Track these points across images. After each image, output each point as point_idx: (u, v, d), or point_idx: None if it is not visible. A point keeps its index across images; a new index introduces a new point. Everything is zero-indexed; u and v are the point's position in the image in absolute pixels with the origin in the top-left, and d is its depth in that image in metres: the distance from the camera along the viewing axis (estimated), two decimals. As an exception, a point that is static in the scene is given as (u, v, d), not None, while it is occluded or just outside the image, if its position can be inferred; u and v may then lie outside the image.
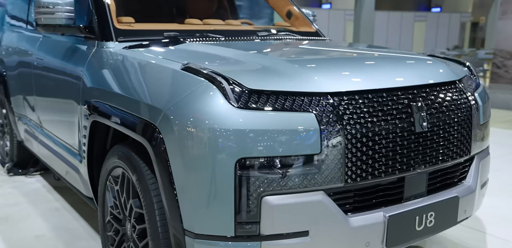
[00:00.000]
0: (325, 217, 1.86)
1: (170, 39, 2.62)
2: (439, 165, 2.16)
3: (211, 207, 1.79)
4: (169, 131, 1.84)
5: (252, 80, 1.88)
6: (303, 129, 1.79)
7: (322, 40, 3.25)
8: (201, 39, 2.67)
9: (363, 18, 14.87)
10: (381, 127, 1.94)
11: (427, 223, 2.10)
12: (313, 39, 3.19)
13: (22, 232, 3.19)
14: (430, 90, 2.16)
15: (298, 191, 1.82)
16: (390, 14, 22.26)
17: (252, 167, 1.77)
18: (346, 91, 1.92)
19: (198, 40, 2.64)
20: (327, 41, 3.23)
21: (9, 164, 4.46)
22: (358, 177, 1.90)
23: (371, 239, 1.95)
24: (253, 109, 1.78)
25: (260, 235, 1.81)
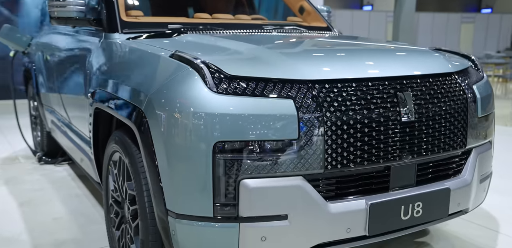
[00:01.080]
0: (304, 202, 1.89)
1: (172, 31, 2.71)
2: (428, 157, 2.15)
3: (191, 188, 1.86)
4: (153, 115, 1.93)
5: (233, 66, 1.93)
6: (281, 115, 1.84)
7: (328, 34, 3.27)
8: (202, 31, 2.75)
9: (403, 19, 14.47)
10: (363, 116, 1.95)
11: (413, 213, 2.09)
12: (318, 32, 3.21)
13: (42, 215, 3.38)
14: (421, 81, 2.15)
15: (276, 176, 1.86)
16: (435, 16, 21.65)
17: (229, 151, 1.82)
18: (328, 79, 1.95)
19: (199, 32, 2.73)
20: (332, 34, 3.24)
21: (39, 153, 4.71)
22: (339, 164, 1.92)
23: (352, 225, 1.97)
24: (232, 95, 1.84)
25: (239, 217, 1.86)
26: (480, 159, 2.37)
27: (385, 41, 2.86)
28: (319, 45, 2.67)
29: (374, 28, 20.24)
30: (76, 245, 2.89)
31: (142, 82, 2.10)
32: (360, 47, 2.54)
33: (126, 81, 2.24)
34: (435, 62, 2.32)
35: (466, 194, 2.29)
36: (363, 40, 2.97)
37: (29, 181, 4.17)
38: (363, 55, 2.26)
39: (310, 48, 2.56)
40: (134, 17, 2.90)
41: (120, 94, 2.25)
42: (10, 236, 3.05)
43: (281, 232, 1.89)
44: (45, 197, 3.76)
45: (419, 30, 20.76)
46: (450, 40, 21.83)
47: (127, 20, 2.81)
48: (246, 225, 1.86)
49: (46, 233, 3.06)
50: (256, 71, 1.92)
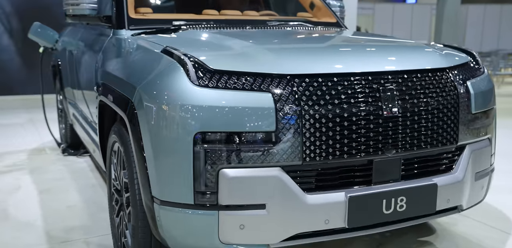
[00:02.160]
0: (281, 193, 1.94)
1: (174, 27, 2.80)
2: (414, 152, 2.15)
3: (173, 176, 1.95)
4: (140, 106, 2.02)
5: (217, 61, 2.01)
6: (259, 107, 1.90)
7: (332, 29, 3.28)
8: (204, 27, 2.83)
9: (447, 12, 13.76)
10: (343, 110, 1.99)
11: (397, 208, 2.10)
12: (322, 28, 3.23)
13: (58, 202, 3.56)
14: (408, 76, 2.16)
15: (255, 166, 1.92)
16: (487, 8, 20.31)
17: (209, 141, 1.90)
18: (308, 73, 1.99)
19: (201, 28, 2.81)
20: (335, 30, 3.25)
21: (63, 145, 4.92)
22: (317, 157, 1.96)
23: (330, 217, 2.00)
24: (213, 88, 1.91)
25: (218, 205, 1.93)
26: (475, 156, 2.35)
27: (384, 37, 2.86)
28: (310, 40, 2.71)
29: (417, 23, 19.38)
30: (84, 231, 3.03)
31: (135, 75, 2.20)
32: (351, 43, 2.56)
33: (122, 75, 2.35)
34: (425, 57, 2.32)
35: (457, 191, 2.28)
36: (361, 35, 2.99)
37: (51, 171, 4.38)
38: (349, 50, 2.29)
39: (299, 43, 2.60)
40: (142, 14, 3.01)
41: (117, 87, 2.36)
42: (26, 221, 3.22)
43: (259, 221, 1.95)
44: (63, 186, 3.94)
45: (468, 23, 19.63)
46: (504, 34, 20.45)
47: (134, 17, 2.92)
48: (225, 213, 1.93)
49: (59, 220, 3.22)
50: (238, 66, 1.99)
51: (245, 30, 2.88)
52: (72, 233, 3.01)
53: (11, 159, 4.78)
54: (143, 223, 2.14)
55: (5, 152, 5.05)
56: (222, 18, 3.12)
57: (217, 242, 1.96)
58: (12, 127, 6.31)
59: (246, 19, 3.16)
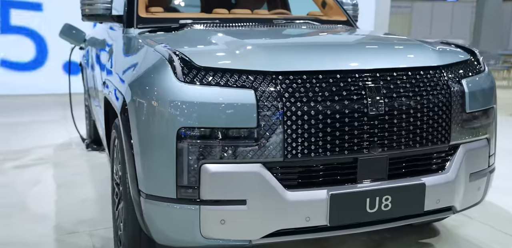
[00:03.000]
0: (262, 189, 1.96)
1: (178, 26, 2.87)
2: (401, 151, 2.13)
3: (157, 171, 2.00)
4: (130, 101, 2.09)
5: (204, 58, 2.05)
6: (240, 104, 1.93)
7: (337, 27, 3.26)
8: (207, 26, 2.88)
9: (487, 10, 13.36)
10: (326, 107, 1.99)
11: (381, 207, 2.09)
12: (328, 26, 3.22)
13: (73, 195, 3.70)
14: (397, 74, 2.14)
15: (236, 162, 1.96)
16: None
17: (191, 137, 1.95)
18: (291, 70, 2.01)
19: (205, 26, 2.86)
20: (338, 28, 3.23)
21: (87, 141, 5.10)
22: (299, 154, 1.98)
23: (311, 215, 2.01)
24: (198, 84, 1.96)
25: (200, 200, 1.97)
26: (469, 156, 2.30)
27: (384, 35, 2.83)
28: (304, 38, 2.71)
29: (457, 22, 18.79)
30: (91, 224, 3.15)
31: (129, 71, 2.27)
32: (344, 40, 2.55)
33: (119, 71, 2.43)
34: (418, 55, 2.29)
35: (448, 192, 2.24)
36: (361, 33, 2.96)
37: (73, 166, 4.55)
38: (339, 48, 2.29)
39: (291, 41, 2.61)
40: (152, 13, 3.09)
41: (115, 83, 2.44)
42: (40, 213, 3.37)
43: (239, 217, 1.98)
44: (81, 180, 4.08)
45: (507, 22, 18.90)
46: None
47: (144, 16, 3.01)
48: (207, 207, 1.97)
49: (70, 213, 3.36)
50: (224, 63, 2.03)
51: (246, 29, 2.91)
52: (80, 225, 3.13)
53: (37, 154, 4.99)
54: (132, 216, 2.21)
55: (33, 146, 5.27)
56: (230, 17, 3.17)
57: (199, 237, 2.01)
58: (45, 124, 6.56)
59: (252, 18, 3.19)
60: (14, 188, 3.95)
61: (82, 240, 2.94)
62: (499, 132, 2.61)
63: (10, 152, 5.10)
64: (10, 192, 3.85)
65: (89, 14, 3.12)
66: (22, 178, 4.22)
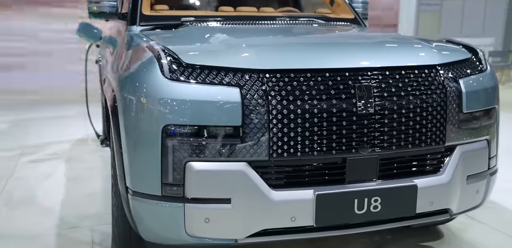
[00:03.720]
0: (246, 188, 1.95)
1: (179, 23, 2.87)
2: (393, 151, 2.09)
3: (144, 168, 2.01)
4: (119, 98, 2.10)
5: (192, 55, 2.05)
6: (225, 102, 1.92)
7: (340, 25, 3.20)
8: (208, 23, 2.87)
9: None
10: (313, 106, 1.96)
11: (370, 208, 2.05)
12: (331, 24, 3.16)
13: (81, 190, 3.77)
14: (390, 73, 2.09)
15: (221, 160, 1.95)
16: None
17: (176, 134, 1.94)
18: (278, 68, 1.98)
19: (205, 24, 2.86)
20: (341, 26, 3.17)
21: (102, 137, 5.17)
22: (285, 153, 1.95)
23: (297, 215, 1.99)
24: (183, 82, 1.95)
25: (185, 197, 1.97)
26: (467, 158, 2.24)
27: (383, 34, 2.78)
28: (298, 36, 2.67)
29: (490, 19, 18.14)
30: (94, 219, 3.19)
31: (121, 68, 2.29)
32: (339, 38, 2.51)
33: (114, 68, 2.45)
34: (413, 54, 2.24)
35: (442, 194, 2.18)
36: (358, 31, 2.91)
37: (86, 161, 4.63)
38: (330, 46, 2.25)
39: (282, 39, 2.58)
40: (156, 11, 3.11)
41: (111, 79, 2.47)
42: (48, 206, 3.45)
43: (224, 215, 1.97)
44: (92, 175, 4.15)
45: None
46: None
47: (147, 13, 3.03)
48: (191, 206, 1.97)
49: (76, 207, 3.41)
50: (211, 60, 2.02)
51: (244, 27, 2.89)
52: (83, 220, 3.18)
53: (53, 149, 5.10)
54: (122, 213, 2.23)
55: (50, 142, 5.39)
56: (233, 14, 3.16)
57: (184, 235, 2.01)
58: (63, 119, 6.70)
59: (255, 16, 3.17)
60: (27, 181, 4.05)
61: (83, 234, 2.98)
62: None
63: (28, 146, 5.23)
64: (22, 185, 3.95)
65: (95, 12, 3.15)
66: (36, 171, 4.32)
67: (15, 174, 4.25)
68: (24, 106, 7.65)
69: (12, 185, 3.95)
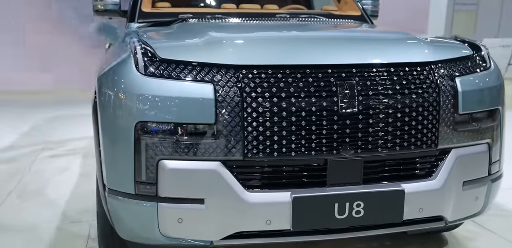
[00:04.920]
0: (220, 188, 1.88)
1: (174, 20, 2.83)
2: (378, 153, 1.97)
3: (118, 165, 1.97)
4: (99, 94, 2.07)
5: (169, 50, 1.99)
6: (198, 98, 1.86)
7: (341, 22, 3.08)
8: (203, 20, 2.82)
9: None
10: (291, 104, 1.87)
11: (352, 213, 1.94)
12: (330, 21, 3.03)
13: (88, 186, 3.76)
14: (377, 70, 1.98)
15: (195, 159, 1.89)
16: None
17: (149, 131, 1.90)
18: (255, 64, 1.90)
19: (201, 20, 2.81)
20: (340, 23, 3.04)
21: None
22: (260, 153, 1.88)
23: (272, 218, 1.91)
24: (158, 77, 1.90)
25: (158, 196, 1.92)
26: (463, 163, 2.09)
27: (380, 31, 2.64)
28: (285, 32, 2.58)
29: None
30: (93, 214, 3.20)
31: (104, 64, 2.26)
32: (326, 35, 2.41)
33: (100, 64, 2.43)
34: (406, 51, 2.11)
35: (434, 200, 2.05)
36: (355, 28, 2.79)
37: (99, 157, 4.67)
38: (314, 42, 2.15)
39: (268, 35, 2.48)
40: (156, 8, 3.09)
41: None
42: (54, 199, 3.52)
43: (197, 216, 1.91)
44: (103, 171, 4.18)
45: None
46: None
47: (146, 10, 3.01)
48: (164, 205, 1.92)
49: (81, 201, 3.44)
50: (187, 55, 1.96)
51: (238, 23, 2.82)
52: (84, 215, 3.19)
53: (72, 145, 5.20)
54: (102, 210, 2.21)
55: (70, 138, 5.50)
56: (233, 11, 3.10)
57: (158, 235, 1.96)
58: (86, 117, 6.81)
59: (255, 13, 3.11)
60: (42, 175, 4.14)
61: (81, 229, 2.99)
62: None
63: (50, 142, 5.35)
64: (37, 178, 4.04)
65: (100, 9, 3.17)
66: (52, 166, 4.40)
67: (33, 168, 4.36)
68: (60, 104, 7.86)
69: (28, 178, 4.04)
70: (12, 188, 3.78)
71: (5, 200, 3.52)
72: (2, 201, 3.51)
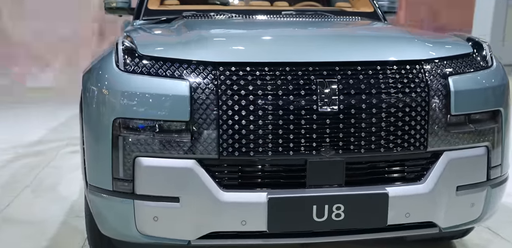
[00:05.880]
0: (195, 187, 1.85)
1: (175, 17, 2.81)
2: (361, 155, 1.89)
3: (97, 161, 1.98)
4: (82, 89, 2.08)
5: (150, 47, 1.98)
6: (174, 95, 1.83)
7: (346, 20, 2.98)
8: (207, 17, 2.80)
9: None
10: (268, 102, 1.82)
11: (331, 216, 1.86)
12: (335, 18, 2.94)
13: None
14: (362, 68, 1.89)
15: (171, 157, 1.86)
16: None
17: (126, 128, 1.89)
18: (232, 61, 1.86)
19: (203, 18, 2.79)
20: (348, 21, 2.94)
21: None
22: (236, 151, 1.83)
23: (248, 218, 1.86)
24: (136, 73, 1.89)
25: (134, 194, 1.91)
26: (456, 166, 1.98)
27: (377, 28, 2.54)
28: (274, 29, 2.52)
29: None
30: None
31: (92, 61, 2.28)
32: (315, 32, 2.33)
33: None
34: (396, 49, 2.03)
35: (422, 205, 1.94)
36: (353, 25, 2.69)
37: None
38: (298, 39, 2.09)
39: (256, 32, 2.43)
40: (164, 6, 3.10)
41: None
42: (65, 195, 3.58)
43: (172, 215, 1.89)
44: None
45: None
46: None
47: (152, 8, 3.03)
48: (140, 203, 1.90)
49: (87, 198, 3.49)
50: (167, 52, 1.94)
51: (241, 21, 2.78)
52: (89, 211, 3.23)
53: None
54: (87, 206, 2.22)
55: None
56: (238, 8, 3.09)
57: (135, 232, 1.94)
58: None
59: (260, 10, 3.07)
60: (59, 170, 4.24)
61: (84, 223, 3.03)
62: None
63: (75, 138, 5.44)
64: (54, 174, 4.13)
65: (112, 7, 3.22)
66: (70, 162, 4.47)
67: (52, 163, 4.46)
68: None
69: (45, 173, 4.14)
70: (28, 182, 3.88)
71: (20, 194, 3.62)
72: (17, 194, 3.60)
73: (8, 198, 3.51)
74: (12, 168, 4.31)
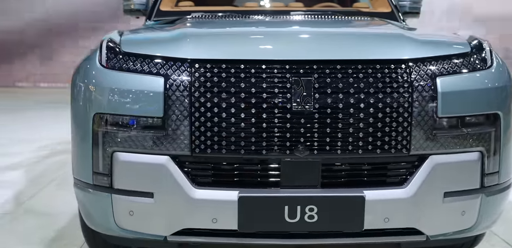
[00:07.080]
0: (168, 183, 1.86)
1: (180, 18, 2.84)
2: (338, 156, 1.83)
3: (79, 155, 2.03)
4: (71, 87, 2.15)
5: (133, 44, 2.02)
6: (148, 92, 1.85)
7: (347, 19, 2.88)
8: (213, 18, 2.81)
9: None
10: (240, 100, 1.80)
11: (304, 217, 1.81)
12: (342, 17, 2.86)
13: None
14: (341, 67, 1.83)
15: (145, 152, 1.88)
16: None
17: (105, 123, 1.93)
18: (208, 59, 1.86)
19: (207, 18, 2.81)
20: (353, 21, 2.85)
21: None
22: (208, 149, 1.82)
23: (218, 216, 1.84)
24: (117, 70, 1.93)
25: (112, 188, 1.94)
26: (443, 171, 1.87)
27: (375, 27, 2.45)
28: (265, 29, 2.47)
29: None
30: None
31: None
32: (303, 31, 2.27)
33: None
34: (382, 47, 1.96)
35: (403, 210, 1.85)
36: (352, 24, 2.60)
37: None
38: (281, 38, 2.05)
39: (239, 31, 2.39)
40: (178, 7, 3.15)
41: None
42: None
43: (146, 210, 1.91)
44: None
45: None
46: None
47: (164, 9, 3.09)
48: (117, 197, 1.93)
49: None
50: (148, 49, 1.97)
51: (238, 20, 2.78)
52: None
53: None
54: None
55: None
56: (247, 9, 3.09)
57: (114, 226, 1.98)
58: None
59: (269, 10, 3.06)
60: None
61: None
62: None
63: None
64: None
65: (131, 9, 3.32)
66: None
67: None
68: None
69: (71, 169, 4.30)
70: (56, 177, 4.04)
71: (45, 187, 3.77)
72: (42, 187, 3.76)
73: (33, 191, 3.68)
74: (45, 163, 4.51)
